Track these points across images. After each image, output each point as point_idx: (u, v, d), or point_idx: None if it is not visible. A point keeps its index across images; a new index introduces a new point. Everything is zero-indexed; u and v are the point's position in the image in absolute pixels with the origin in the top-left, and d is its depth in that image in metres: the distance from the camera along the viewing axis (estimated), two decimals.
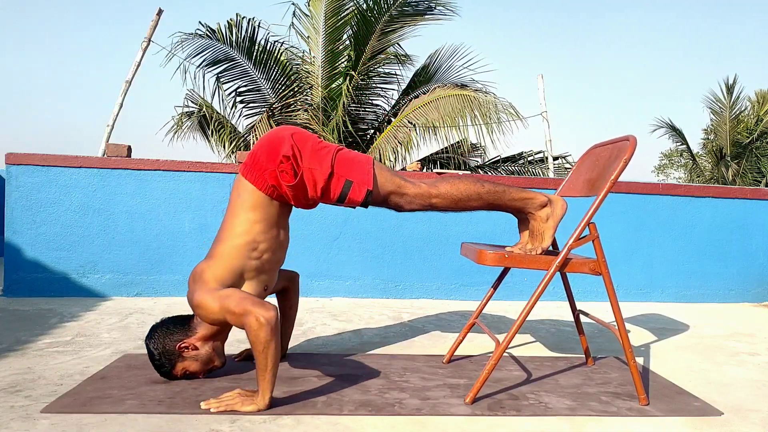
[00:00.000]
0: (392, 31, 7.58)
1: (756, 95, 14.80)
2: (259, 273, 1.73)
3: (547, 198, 1.78)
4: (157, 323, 1.75)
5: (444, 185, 1.74)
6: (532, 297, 1.67)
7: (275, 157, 1.64)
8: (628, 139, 1.71)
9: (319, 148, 1.67)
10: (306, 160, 1.65)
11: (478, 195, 1.75)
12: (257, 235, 1.69)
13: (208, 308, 1.59)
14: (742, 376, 2.03)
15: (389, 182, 1.71)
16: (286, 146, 1.64)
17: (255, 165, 1.67)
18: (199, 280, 1.65)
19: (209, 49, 7.48)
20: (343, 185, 1.66)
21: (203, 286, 1.63)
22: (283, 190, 1.67)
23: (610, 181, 1.66)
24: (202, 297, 1.60)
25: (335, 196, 1.68)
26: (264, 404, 1.52)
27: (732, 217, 3.86)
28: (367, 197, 1.67)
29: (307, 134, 1.71)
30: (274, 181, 1.66)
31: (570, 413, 1.59)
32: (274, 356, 1.50)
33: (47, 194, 3.26)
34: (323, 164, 1.65)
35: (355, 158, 1.71)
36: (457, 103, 6.84)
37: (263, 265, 1.73)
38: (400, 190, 1.72)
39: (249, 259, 1.69)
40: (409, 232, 3.58)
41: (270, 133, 1.73)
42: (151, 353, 1.70)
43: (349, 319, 2.88)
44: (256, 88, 8.14)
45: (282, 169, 1.64)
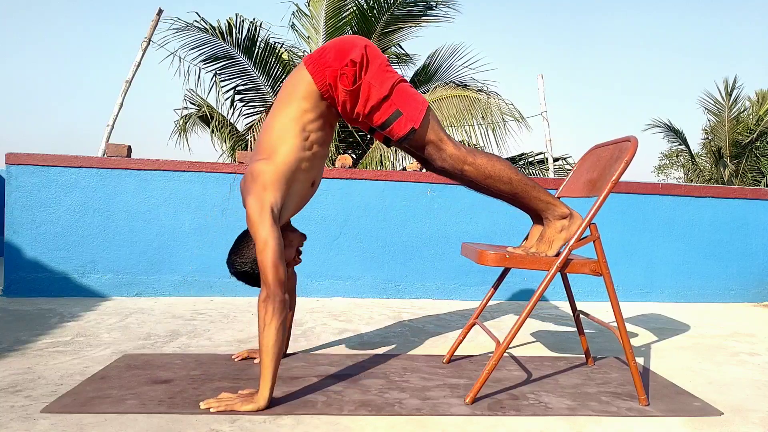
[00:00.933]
0: (392, 31, 7.59)
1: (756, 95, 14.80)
2: (310, 167, 1.72)
3: (569, 212, 1.77)
4: (232, 248, 1.76)
5: (482, 157, 1.73)
6: (533, 297, 1.67)
7: (343, 57, 1.64)
8: (630, 139, 1.71)
9: (385, 70, 1.67)
10: (370, 73, 1.64)
11: (510, 180, 1.73)
12: (307, 124, 1.68)
13: (251, 223, 1.57)
14: (742, 376, 2.03)
15: (434, 131, 1.70)
16: (357, 52, 1.63)
17: (321, 59, 1.67)
18: (255, 182, 1.61)
19: (208, 45, 7.44)
20: (392, 113, 1.65)
21: (259, 191, 1.59)
22: (337, 92, 1.66)
23: (611, 181, 1.66)
24: (251, 209, 1.57)
25: (380, 120, 1.66)
26: (264, 403, 1.52)
27: (732, 217, 3.86)
28: (409, 134, 1.66)
29: (379, 52, 1.70)
30: (332, 80, 1.65)
31: (570, 413, 1.59)
32: (274, 340, 1.51)
33: (47, 194, 3.26)
34: (384, 85, 1.64)
35: (414, 95, 1.70)
36: (460, 104, 6.84)
37: (314, 156, 1.72)
38: (441, 144, 1.71)
39: (303, 152, 1.67)
40: (409, 232, 3.58)
41: (345, 37, 1.73)
42: (246, 273, 1.71)
43: (349, 319, 2.88)
44: (256, 87, 8.13)
45: (345, 71, 1.63)
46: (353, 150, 8.34)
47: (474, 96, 6.91)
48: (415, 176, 3.59)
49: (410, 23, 7.58)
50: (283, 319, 1.54)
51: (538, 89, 5.49)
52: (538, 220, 1.85)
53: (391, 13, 7.32)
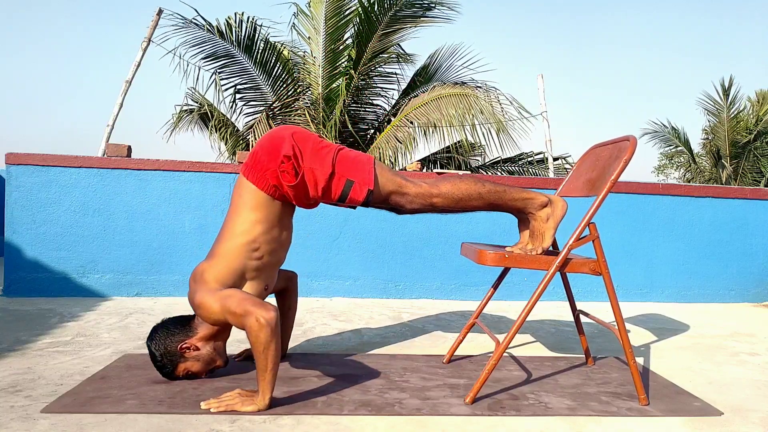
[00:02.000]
0: (393, 31, 7.58)
1: (756, 95, 14.80)
2: (260, 273, 1.74)
3: (547, 198, 1.78)
4: (158, 324, 1.75)
5: (445, 185, 1.74)
6: (533, 297, 1.67)
7: (276, 156, 1.64)
8: (629, 139, 1.71)
9: (319, 148, 1.67)
10: (307, 159, 1.65)
11: (479, 195, 1.75)
12: (258, 236, 1.69)
13: (209, 309, 1.59)
14: (742, 376, 2.03)
15: (390, 182, 1.71)
16: (287, 146, 1.64)
17: (256, 165, 1.68)
18: (200, 280, 1.65)
19: (208, 43, 7.43)
20: (344, 185, 1.66)
21: (204, 286, 1.63)
22: (284, 189, 1.67)
23: (610, 181, 1.66)
24: (203, 297, 1.60)
25: (336, 195, 1.68)
26: (264, 404, 1.52)
27: (732, 217, 3.86)
28: (368, 197, 1.68)
29: (308, 134, 1.71)
30: (275, 181, 1.66)
31: (570, 413, 1.59)
32: (275, 357, 1.50)
33: (47, 194, 3.26)
34: (324, 164, 1.65)
35: (357, 158, 1.71)
36: (460, 103, 6.83)
37: (264, 265, 1.73)
38: (401, 190, 1.72)
39: (250, 259, 1.69)
40: (409, 232, 3.58)
41: (270, 133, 1.73)
42: (153, 354, 1.70)
43: (349, 319, 2.88)
44: (256, 86, 8.13)
45: (283, 168, 1.64)
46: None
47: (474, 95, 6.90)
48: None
49: (411, 24, 7.58)
50: (278, 333, 1.52)
51: (538, 89, 5.49)
52: (523, 219, 1.86)
53: (393, 13, 7.31)
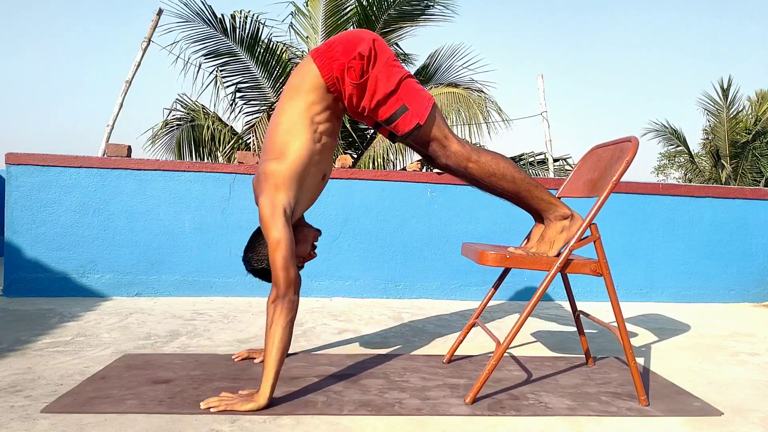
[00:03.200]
0: (392, 31, 7.58)
1: (756, 95, 14.80)
2: (320, 161, 1.72)
3: (570, 213, 1.77)
4: (247, 246, 1.78)
5: (486, 155, 1.73)
6: (533, 297, 1.67)
7: (351, 51, 1.63)
8: (630, 140, 1.71)
9: (392, 64, 1.67)
10: (377, 67, 1.64)
11: (513, 178, 1.74)
12: (315, 116, 1.68)
13: (263, 223, 1.58)
14: (742, 376, 2.03)
15: (439, 128, 1.70)
16: (365, 46, 1.63)
17: (328, 52, 1.66)
18: (267, 182, 1.62)
19: (211, 39, 7.40)
20: (398, 108, 1.65)
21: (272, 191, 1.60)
22: (344, 85, 1.66)
23: (611, 182, 1.66)
24: (264, 210, 1.58)
25: (386, 115, 1.66)
26: (264, 402, 1.52)
27: (732, 217, 3.86)
28: (414, 130, 1.66)
29: (387, 47, 1.70)
30: (339, 73, 1.65)
31: (570, 413, 1.59)
32: (280, 341, 1.52)
33: (47, 194, 3.26)
34: (390, 79, 1.64)
35: (420, 91, 1.70)
36: (446, 101, 6.83)
37: (324, 147, 1.72)
38: (446, 141, 1.71)
39: (313, 142, 1.67)
40: (409, 232, 3.58)
41: (353, 31, 1.73)
42: (263, 269, 1.72)
43: (349, 319, 2.88)
44: (257, 85, 8.12)
45: (352, 65, 1.62)
46: (353, 150, 8.34)
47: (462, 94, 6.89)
48: (415, 176, 3.59)
49: (410, 23, 7.58)
50: (290, 320, 1.55)
51: (538, 89, 5.49)
52: (539, 220, 1.85)
53: (393, 11, 7.31)
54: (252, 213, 3.36)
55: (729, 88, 12.86)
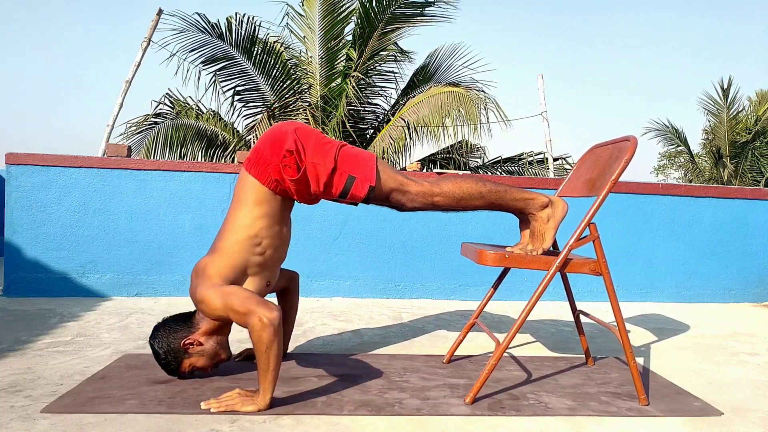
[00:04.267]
0: (392, 30, 7.58)
1: (756, 95, 14.80)
2: (262, 269, 1.74)
3: (548, 199, 1.78)
4: (159, 323, 1.75)
5: (446, 184, 1.74)
6: (533, 297, 1.67)
7: (279, 151, 1.64)
8: (629, 139, 1.71)
9: (322, 144, 1.68)
10: (309, 154, 1.65)
11: (480, 194, 1.75)
12: (260, 230, 1.69)
13: (211, 304, 1.58)
14: (742, 376, 2.03)
15: (392, 179, 1.71)
16: (290, 141, 1.64)
17: (259, 159, 1.68)
18: (202, 275, 1.65)
19: (208, 46, 7.44)
20: (345, 180, 1.66)
21: (206, 281, 1.63)
22: (286, 184, 1.67)
23: (610, 181, 1.66)
24: (205, 292, 1.59)
25: (338, 191, 1.68)
26: (264, 404, 1.52)
27: (732, 217, 3.86)
28: (369, 193, 1.68)
29: (311, 129, 1.71)
30: (277, 176, 1.66)
31: (570, 413, 1.59)
32: (276, 357, 1.50)
33: (47, 194, 3.26)
34: (326, 159, 1.65)
35: (359, 154, 1.71)
36: (446, 100, 6.83)
37: (266, 260, 1.73)
38: (403, 188, 1.72)
39: (252, 254, 1.69)
40: (409, 232, 3.58)
41: (273, 128, 1.73)
42: (157, 353, 1.70)
43: (349, 319, 2.88)
44: (255, 87, 8.13)
45: (285, 163, 1.64)
46: None
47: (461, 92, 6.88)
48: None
49: (410, 22, 7.57)
50: (280, 334, 1.51)
51: (538, 89, 5.49)
52: (523, 219, 1.86)
53: (393, 11, 7.31)
54: None
55: (729, 88, 12.86)
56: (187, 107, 8.13)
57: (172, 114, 8.10)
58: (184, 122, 7.98)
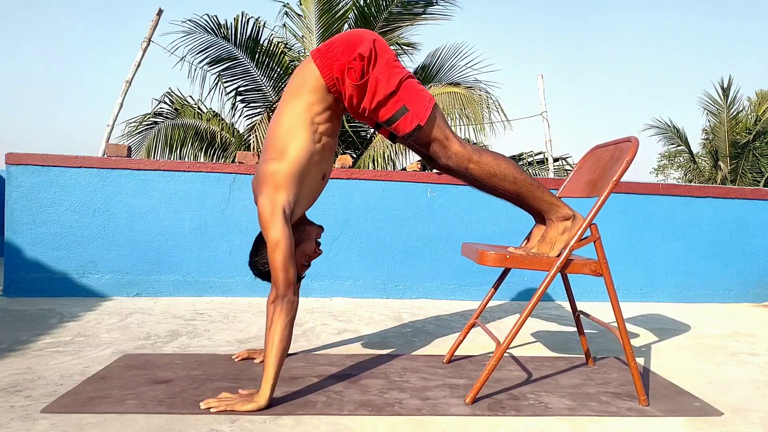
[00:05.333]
0: (391, 30, 7.57)
1: (757, 95, 14.80)
2: (320, 161, 1.72)
3: (572, 213, 1.76)
4: (251, 251, 1.79)
5: (487, 156, 1.73)
6: (533, 297, 1.67)
7: (351, 52, 1.63)
8: (630, 140, 1.71)
9: (393, 65, 1.67)
10: (378, 68, 1.64)
11: (514, 179, 1.73)
12: (315, 116, 1.68)
13: (262, 224, 1.58)
14: (742, 376, 2.03)
15: (440, 129, 1.70)
16: (365, 47, 1.63)
17: (329, 53, 1.66)
18: (266, 182, 1.61)
19: (213, 46, 7.46)
20: (398, 109, 1.65)
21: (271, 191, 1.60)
22: (344, 86, 1.66)
23: (611, 182, 1.66)
24: (263, 209, 1.58)
25: (386, 116, 1.66)
26: (264, 402, 1.52)
27: (732, 217, 3.86)
28: (414, 131, 1.66)
29: (388, 47, 1.70)
30: (339, 74, 1.65)
31: (570, 413, 1.59)
32: (280, 341, 1.52)
33: (47, 194, 3.26)
34: (391, 80, 1.64)
35: (421, 92, 1.69)
36: (448, 101, 6.83)
37: (323, 148, 1.72)
38: (447, 142, 1.71)
39: (312, 143, 1.67)
40: (409, 232, 3.58)
41: (354, 31, 1.72)
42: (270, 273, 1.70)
43: (349, 319, 2.88)
44: (257, 87, 8.14)
45: (353, 66, 1.62)
46: (353, 150, 8.34)
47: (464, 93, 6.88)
48: (415, 176, 3.59)
49: (409, 21, 7.57)
50: (290, 320, 1.54)
51: (538, 89, 5.49)
52: (540, 221, 1.85)
53: (390, 11, 7.30)
54: (253, 213, 3.36)
55: (729, 88, 12.85)
56: (187, 106, 8.14)
57: (173, 113, 8.12)
58: (184, 122, 8.00)
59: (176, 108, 8.13)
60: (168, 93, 8.13)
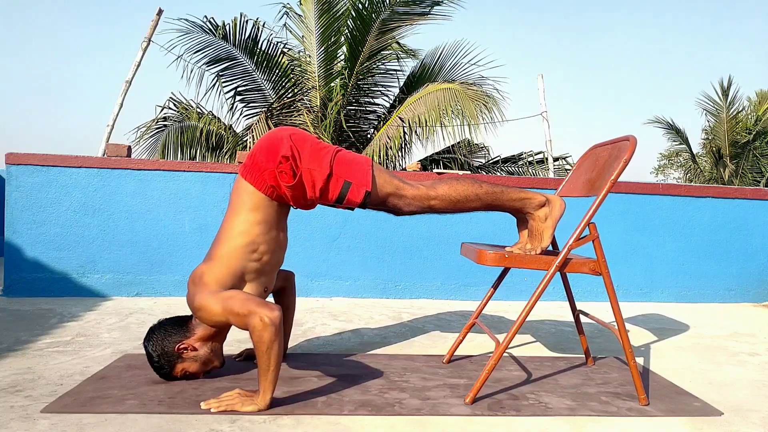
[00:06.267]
0: (390, 30, 7.57)
1: (756, 95, 14.80)
2: (259, 275, 1.73)
3: (545, 198, 1.78)
4: (155, 325, 1.74)
5: (442, 187, 1.74)
6: (532, 297, 1.67)
7: (274, 157, 1.64)
8: (628, 139, 1.71)
9: (318, 149, 1.68)
10: (305, 160, 1.65)
11: (477, 196, 1.75)
12: (257, 237, 1.69)
13: (210, 310, 1.58)
14: (742, 376, 2.03)
15: (388, 184, 1.71)
16: (285, 147, 1.64)
17: (254, 166, 1.68)
18: (200, 283, 1.64)
19: (212, 46, 7.50)
20: (341, 186, 1.67)
21: (204, 288, 1.62)
22: (282, 190, 1.67)
23: (609, 181, 1.66)
24: (203, 299, 1.59)
25: (334, 196, 1.68)
26: (264, 404, 1.52)
27: (732, 217, 3.86)
28: (365, 198, 1.68)
29: (306, 135, 1.71)
30: (273, 182, 1.66)
31: (570, 413, 1.59)
32: (277, 357, 1.50)
33: (47, 194, 3.26)
34: (322, 165, 1.65)
35: (354, 159, 1.71)
36: (443, 97, 6.81)
37: (263, 266, 1.73)
38: (399, 192, 1.72)
39: (249, 260, 1.69)
40: (409, 232, 3.58)
41: (268, 134, 1.73)
42: (150, 355, 1.69)
43: (349, 319, 2.88)
44: (257, 88, 8.15)
45: (281, 169, 1.64)
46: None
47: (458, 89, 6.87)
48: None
49: (408, 22, 7.56)
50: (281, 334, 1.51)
51: (538, 89, 5.50)
52: (522, 218, 1.86)
53: (389, 11, 7.30)
54: None
55: (729, 88, 12.85)
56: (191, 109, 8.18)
57: (179, 117, 8.15)
58: (190, 124, 8.03)
59: (181, 113, 8.17)
60: (171, 98, 8.18)
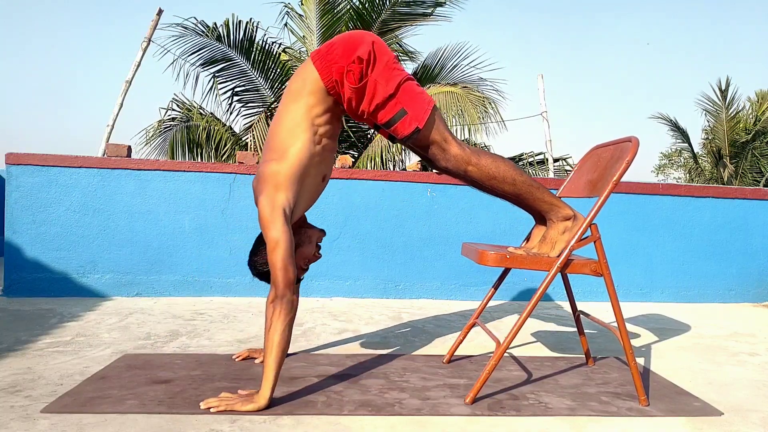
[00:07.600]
0: (390, 30, 7.57)
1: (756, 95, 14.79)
2: (320, 163, 1.73)
3: (573, 213, 1.76)
4: (251, 251, 1.80)
5: (486, 158, 1.72)
6: (533, 297, 1.67)
7: (351, 54, 1.63)
8: (631, 140, 1.71)
9: (392, 67, 1.66)
10: (376, 70, 1.63)
11: (513, 181, 1.73)
12: (315, 119, 1.68)
13: (263, 225, 1.58)
14: (742, 376, 2.03)
15: (439, 132, 1.69)
16: (364, 49, 1.63)
17: (328, 55, 1.66)
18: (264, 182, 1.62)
19: (207, 48, 7.49)
20: (397, 112, 1.65)
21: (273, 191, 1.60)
22: (343, 88, 1.66)
23: (612, 182, 1.66)
24: (263, 208, 1.59)
25: (385, 118, 1.66)
26: (264, 403, 1.52)
27: (732, 217, 3.86)
28: (413, 134, 1.66)
29: (387, 49, 1.70)
30: (338, 77, 1.64)
31: (570, 413, 1.59)
32: (281, 342, 1.52)
33: (47, 194, 3.26)
34: (390, 83, 1.64)
35: (420, 94, 1.69)
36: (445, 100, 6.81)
37: (323, 150, 1.73)
38: (445, 144, 1.70)
39: (312, 145, 1.67)
40: (409, 232, 3.58)
41: (354, 32, 1.72)
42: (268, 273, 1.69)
43: (349, 319, 2.88)
44: (254, 88, 8.15)
45: (351, 68, 1.62)
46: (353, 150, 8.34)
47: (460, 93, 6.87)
48: (415, 176, 3.59)
49: (408, 22, 7.56)
50: (290, 320, 1.54)
51: (538, 89, 5.50)
52: (540, 221, 1.85)
53: (389, 12, 7.30)
54: (252, 213, 3.36)
55: (728, 88, 12.84)
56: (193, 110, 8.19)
57: (184, 117, 8.16)
58: (195, 125, 8.03)
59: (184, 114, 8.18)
60: (174, 99, 8.18)
